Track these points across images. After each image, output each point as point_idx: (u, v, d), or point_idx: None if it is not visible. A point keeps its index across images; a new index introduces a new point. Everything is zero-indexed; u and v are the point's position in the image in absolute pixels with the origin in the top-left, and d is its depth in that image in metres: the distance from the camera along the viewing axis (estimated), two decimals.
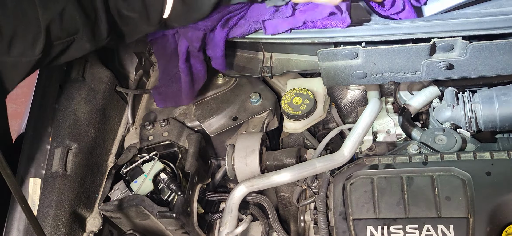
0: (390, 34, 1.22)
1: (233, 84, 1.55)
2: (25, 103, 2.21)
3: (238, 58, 1.51)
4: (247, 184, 1.23)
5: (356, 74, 1.31)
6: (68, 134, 1.38)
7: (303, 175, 1.21)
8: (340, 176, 1.21)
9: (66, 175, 1.34)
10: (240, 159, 1.33)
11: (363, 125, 1.27)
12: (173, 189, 1.32)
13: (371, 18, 1.25)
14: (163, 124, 1.48)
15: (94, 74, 1.52)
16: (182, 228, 1.31)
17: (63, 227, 1.30)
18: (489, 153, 1.14)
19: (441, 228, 1.04)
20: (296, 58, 1.45)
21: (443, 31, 1.18)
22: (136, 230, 1.39)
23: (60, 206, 1.30)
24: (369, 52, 1.24)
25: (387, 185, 1.13)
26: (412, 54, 1.23)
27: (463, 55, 1.20)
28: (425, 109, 1.40)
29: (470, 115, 1.29)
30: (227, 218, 1.22)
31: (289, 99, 1.40)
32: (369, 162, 1.21)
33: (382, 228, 1.07)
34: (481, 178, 1.09)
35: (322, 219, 1.15)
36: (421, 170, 1.14)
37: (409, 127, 1.33)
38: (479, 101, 1.29)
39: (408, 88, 1.42)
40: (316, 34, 1.28)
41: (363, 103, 1.51)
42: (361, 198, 1.13)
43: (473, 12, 1.20)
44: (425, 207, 1.08)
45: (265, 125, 1.45)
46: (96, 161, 1.44)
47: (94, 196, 1.40)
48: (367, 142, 1.36)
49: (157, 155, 1.41)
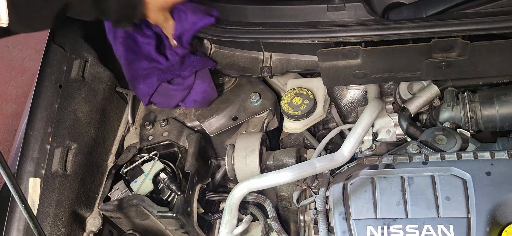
0: (390, 34, 1.22)
1: (233, 84, 1.55)
2: (25, 103, 2.21)
3: (238, 58, 1.51)
4: (247, 184, 1.23)
5: (356, 74, 1.31)
6: (68, 133, 1.39)
7: (303, 175, 1.21)
8: (340, 176, 1.21)
9: (66, 175, 1.34)
10: (240, 159, 1.33)
11: (363, 125, 1.27)
12: (173, 189, 1.32)
13: (371, 18, 1.25)
14: (163, 124, 1.48)
15: (94, 74, 1.52)
16: (182, 228, 1.31)
17: (63, 227, 1.30)
18: (489, 153, 1.14)
19: (441, 228, 1.04)
20: (296, 58, 1.45)
21: (443, 31, 1.18)
22: (136, 230, 1.39)
23: (60, 206, 1.31)
24: (369, 52, 1.24)
25: (387, 185, 1.13)
26: (412, 54, 1.23)
27: (463, 55, 1.20)
28: (425, 109, 1.40)
29: (470, 115, 1.29)
30: (227, 218, 1.22)
31: (289, 99, 1.40)
32: (369, 162, 1.21)
33: (382, 228, 1.07)
34: (481, 178, 1.09)
35: (322, 219, 1.15)
36: (421, 170, 1.14)
37: (409, 127, 1.33)
38: (479, 101, 1.29)
39: (408, 88, 1.42)
40: (316, 34, 1.28)
41: (363, 103, 1.51)
42: (361, 198, 1.13)
43: (473, 12, 1.20)
44: (425, 207, 1.08)
45: (265, 125, 1.45)
46: (96, 161, 1.44)
47: (94, 196, 1.40)
48: (367, 142, 1.36)
49: (157, 155, 1.41)
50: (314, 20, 1.31)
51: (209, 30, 1.39)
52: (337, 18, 1.29)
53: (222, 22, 1.39)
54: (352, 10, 1.27)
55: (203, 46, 1.55)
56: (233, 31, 1.37)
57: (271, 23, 1.36)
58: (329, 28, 1.27)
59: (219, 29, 1.38)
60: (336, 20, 1.29)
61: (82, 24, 1.59)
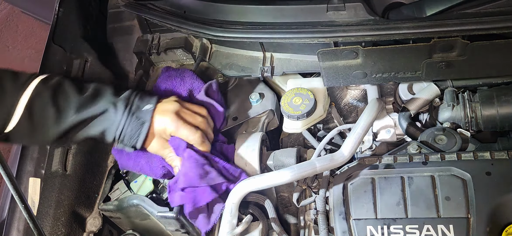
0: (390, 34, 1.22)
1: (233, 84, 1.55)
2: None
3: (238, 58, 1.51)
4: (247, 184, 1.23)
5: (356, 74, 1.31)
6: None
7: (303, 175, 1.21)
8: (340, 176, 1.21)
9: (66, 175, 1.34)
10: (240, 159, 1.33)
11: (363, 125, 1.27)
12: None
13: (371, 18, 1.25)
14: None
15: (94, 74, 1.52)
16: (182, 228, 1.31)
17: (63, 227, 1.30)
18: (489, 153, 1.14)
19: (441, 228, 1.04)
20: (296, 58, 1.45)
21: (443, 31, 1.18)
22: (136, 230, 1.39)
23: (60, 206, 1.31)
24: (369, 52, 1.24)
25: (387, 185, 1.13)
26: (412, 54, 1.23)
27: (463, 55, 1.20)
28: (425, 109, 1.40)
29: (470, 116, 1.29)
30: (227, 218, 1.22)
31: (289, 99, 1.40)
32: (369, 162, 1.21)
33: (382, 228, 1.07)
34: (481, 178, 1.09)
35: (322, 219, 1.15)
36: (421, 170, 1.14)
37: (410, 127, 1.33)
38: (479, 102, 1.29)
39: (408, 88, 1.42)
40: (316, 34, 1.28)
41: (363, 103, 1.51)
42: (361, 198, 1.13)
43: (473, 12, 1.20)
44: (425, 207, 1.08)
45: (265, 125, 1.45)
46: (96, 161, 1.44)
47: (94, 196, 1.40)
48: (367, 142, 1.36)
49: None
50: (314, 20, 1.31)
51: (209, 30, 1.39)
52: (337, 18, 1.29)
53: (222, 22, 1.39)
54: (352, 10, 1.27)
55: (203, 46, 1.55)
56: (233, 31, 1.37)
57: (271, 23, 1.35)
58: (329, 28, 1.27)
59: (219, 29, 1.38)
60: (336, 20, 1.29)
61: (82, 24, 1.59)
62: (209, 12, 1.42)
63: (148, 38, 1.63)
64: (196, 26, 1.41)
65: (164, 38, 1.61)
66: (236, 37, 1.38)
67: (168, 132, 1.25)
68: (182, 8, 1.46)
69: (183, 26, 1.43)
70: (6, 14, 3.83)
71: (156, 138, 1.26)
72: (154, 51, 1.60)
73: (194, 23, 1.41)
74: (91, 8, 1.68)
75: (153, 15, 1.49)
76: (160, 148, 1.26)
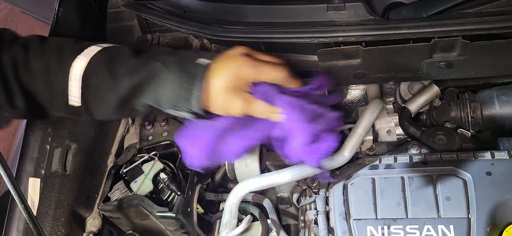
0: (390, 34, 1.21)
1: None
2: None
3: None
4: (247, 184, 1.23)
5: (356, 74, 1.31)
6: (68, 133, 1.38)
7: (303, 175, 1.21)
8: (340, 176, 1.21)
9: (65, 175, 1.34)
10: (240, 159, 1.33)
11: (363, 125, 1.27)
12: (173, 189, 1.32)
13: (371, 18, 1.25)
14: (162, 124, 1.48)
15: None
16: (182, 228, 1.31)
17: (63, 227, 1.30)
18: (489, 153, 1.14)
19: (441, 228, 1.04)
20: (296, 58, 1.45)
21: (443, 31, 1.18)
22: (135, 230, 1.39)
23: (60, 206, 1.30)
24: (369, 52, 1.24)
25: (387, 185, 1.13)
26: (412, 54, 1.23)
27: (463, 55, 1.20)
28: (425, 109, 1.40)
29: (471, 115, 1.29)
30: (227, 218, 1.22)
31: None
32: (369, 162, 1.21)
33: (382, 228, 1.07)
34: (481, 178, 1.09)
35: (322, 219, 1.15)
36: (421, 170, 1.14)
37: (410, 127, 1.33)
38: (479, 101, 1.29)
39: (408, 88, 1.42)
40: (316, 34, 1.28)
41: (363, 103, 1.51)
42: (362, 198, 1.13)
43: (473, 12, 1.20)
44: (425, 207, 1.08)
45: None
46: (96, 161, 1.43)
47: (94, 196, 1.40)
48: (367, 142, 1.36)
49: (157, 155, 1.40)
50: (314, 20, 1.31)
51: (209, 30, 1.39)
52: (337, 18, 1.28)
53: (222, 22, 1.39)
54: (352, 10, 1.27)
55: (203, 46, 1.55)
56: (233, 31, 1.37)
57: (271, 23, 1.35)
58: (329, 28, 1.27)
59: (219, 29, 1.38)
60: (336, 20, 1.28)
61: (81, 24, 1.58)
62: (209, 12, 1.42)
63: (148, 38, 1.63)
64: (196, 26, 1.41)
65: (164, 38, 1.61)
66: (236, 37, 1.37)
67: (246, 77, 1.03)
68: (182, 8, 1.46)
69: (183, 26, 1.43)
70: (6, 14, 3.82)
71: (224, 93, 1.02)
72: None
73: (194, 23, 1.41)
74: (90, 8, 1.68)
75: (153, 15, 1.49)
76: (238, 102, 1.02)
